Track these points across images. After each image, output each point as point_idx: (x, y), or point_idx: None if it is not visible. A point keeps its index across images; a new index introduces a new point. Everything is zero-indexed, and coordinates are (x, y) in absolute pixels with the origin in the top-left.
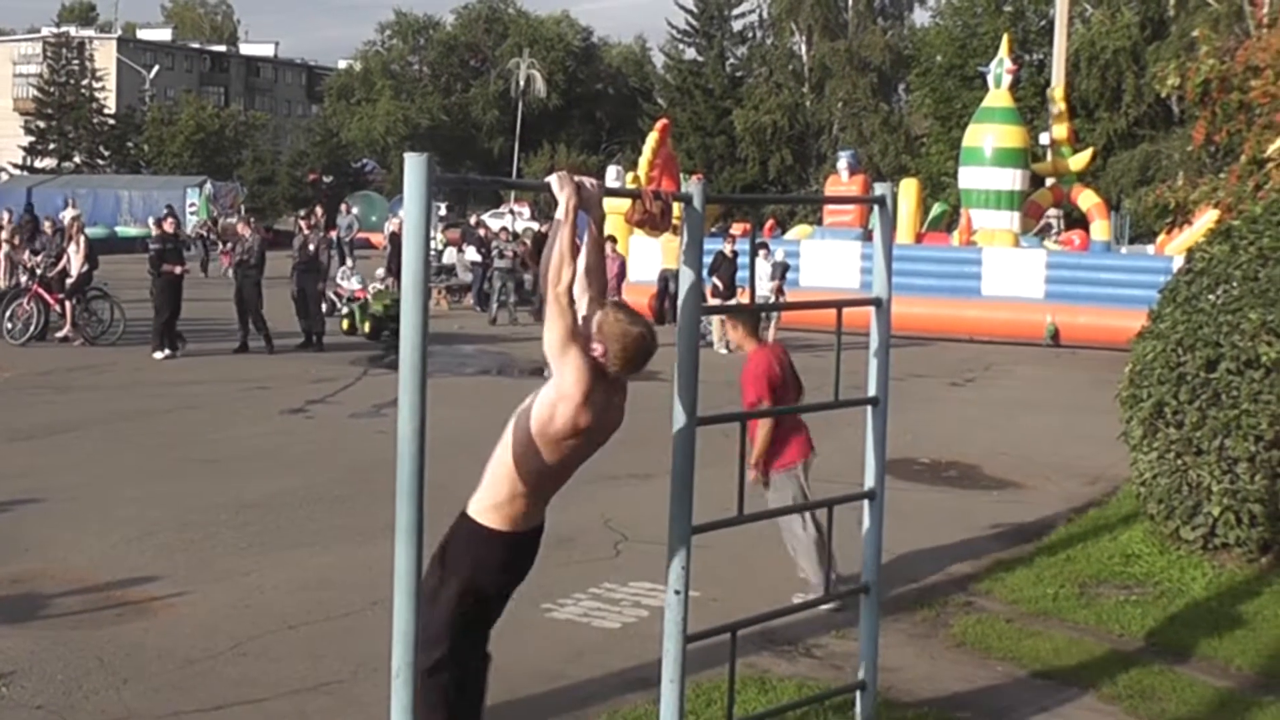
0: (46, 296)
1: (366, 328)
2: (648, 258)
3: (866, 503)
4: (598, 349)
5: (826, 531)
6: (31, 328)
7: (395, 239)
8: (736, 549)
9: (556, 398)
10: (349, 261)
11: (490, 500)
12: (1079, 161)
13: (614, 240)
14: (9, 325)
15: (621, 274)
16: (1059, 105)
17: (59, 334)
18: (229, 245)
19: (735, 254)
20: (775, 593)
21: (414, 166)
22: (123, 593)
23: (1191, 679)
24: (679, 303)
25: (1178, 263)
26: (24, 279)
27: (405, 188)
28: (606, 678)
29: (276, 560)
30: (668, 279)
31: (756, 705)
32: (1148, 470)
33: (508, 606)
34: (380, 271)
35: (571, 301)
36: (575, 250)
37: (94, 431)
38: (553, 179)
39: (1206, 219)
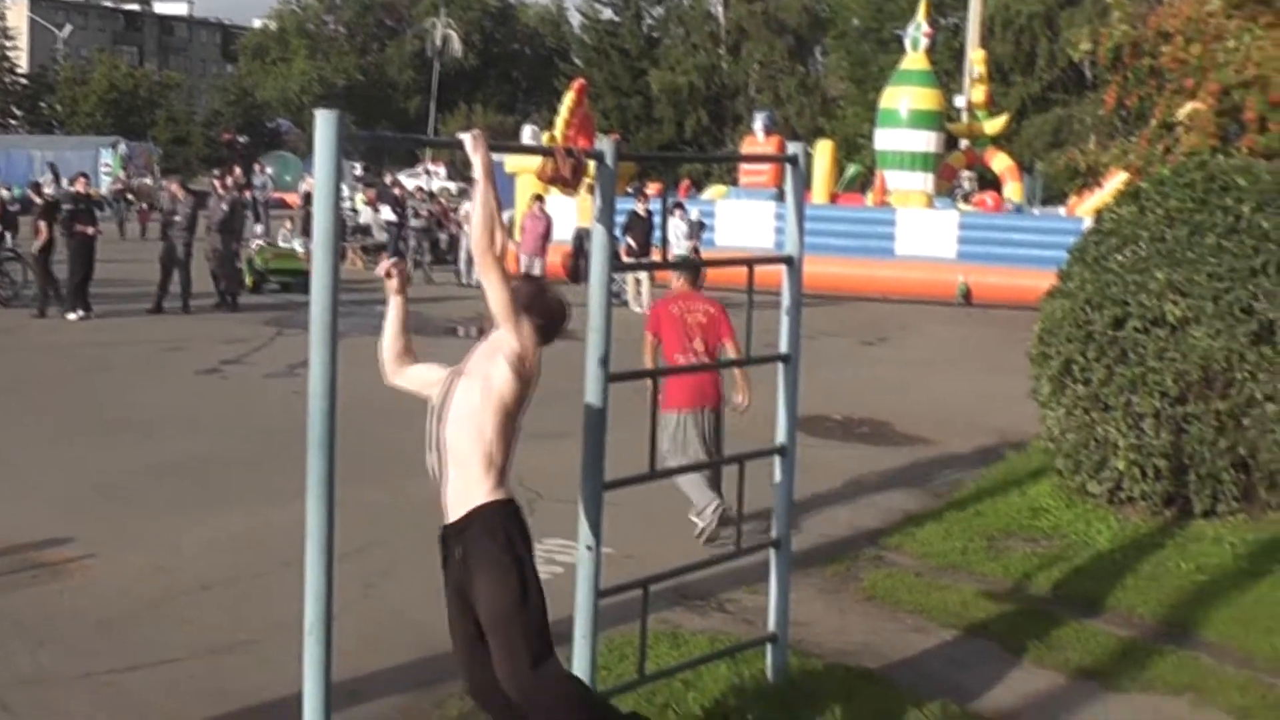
0: None
1: (250, 281)
2: (563, 217)
3: (778, 458)
4: (537, 319)
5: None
6: None
7: (309, 198)
8: (649, 507)
9: (521, 353)
10: (261, 223)
11: (496, 475)
12: (995, 125)
13: (541, 199)
14: None
15: (548, 233)
16: (979, 69)
17: None
18: (145, 205)
19: (650, 213)
20: (687, 549)
21: (325, 123)
22: (38, 555)
23: (1096, 629)
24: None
25: (1088, 224)
26: None
27: (316, 145)
28: None
29: (191, 521)
30: (582, 237)
31: (669, 659)
32: (1056, 426)
33: (424, 565)
34: (285, 229)
35: (505, 269)
36: (491, 216)
37: (6, 394)
38: (465, 137)
39: (1116, 181)
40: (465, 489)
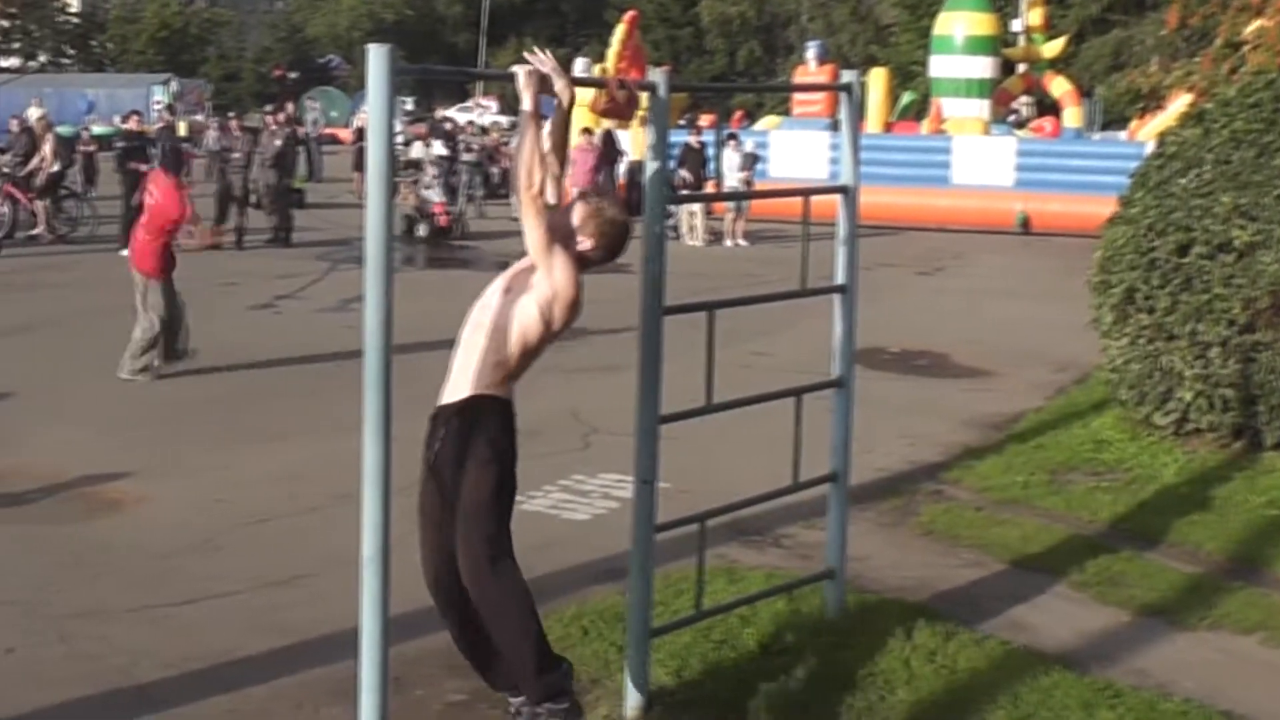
0: (19, 195)
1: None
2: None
3: (835, 391)
4: (586, 243)
5: None
6: (3, 228)
7: (362, 134)
8: (705, 441)
9: (551, 298)
10: (314, 160)
11: (498, 375)
12: (1052, 48)
13: (590, 131)
14: None
15: (598, 165)
16: None
17: (31, 232)
18: (190, 145)
19: (702, 145)
20: (744, 484)
21: (377, 58)
22: (94, 489)
23: (1161, 565)
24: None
25: (1149, 149)
26: None
27: (369, 80)
28: (576, 569)
29: (247, 455)
30: (635, 171)
31: (725, 595)
32: (1119, 357)
33: None
34: (426, 177)
35: (545, 203)
36: (543, 151)
37: (63, 329)
38: (518, 70)
39: (1179, 103)
40: (465, 376)
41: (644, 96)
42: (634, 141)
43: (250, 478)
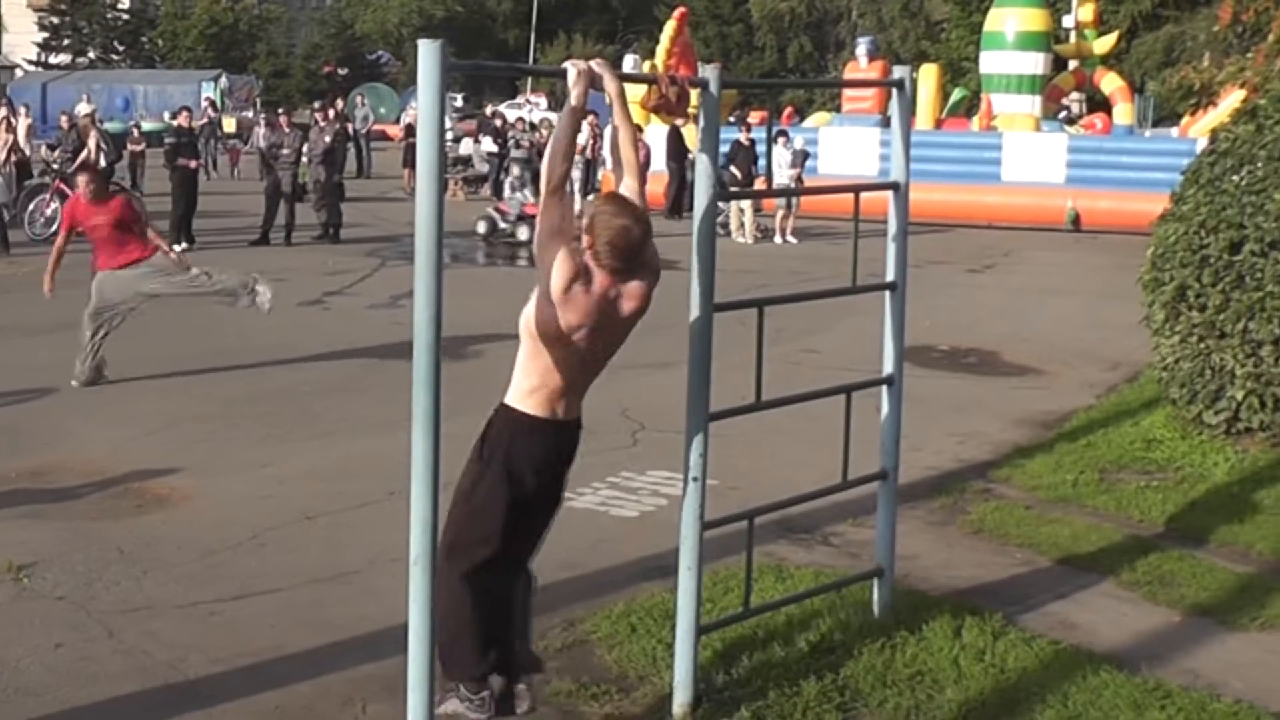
0: (69, 191)
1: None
2: (662, 146)
3: (885, 388)
4: (586, 242)
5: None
6: (55, 224)
7: (411, 130)
8: (754, 438)
9: (539, 296)
10: (364, 156)
11: (524, 386)
12: (1104, 44)
13: (640, 129)
14: (31, 221)
15: (647, 162)
16: None
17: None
18: (236, 142)
19: (752, 142)
20: (792, 482)
21: (428, 54)
22: (142, 484)
23: (1211, 564)
24: (695, 190)
25: (1201, 145)
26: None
27: (419, 76)
28: (624, 566)
29: (294, 451)
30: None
31: (774, 593)
32: (1170, 354)
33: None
34: (512, 178)
35: (561, 198)
36: (571, 147)
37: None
38: (570, 66)
39: (1232, 99)
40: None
41: (694, 94)
42: (685, 138)
43: (297, 474)
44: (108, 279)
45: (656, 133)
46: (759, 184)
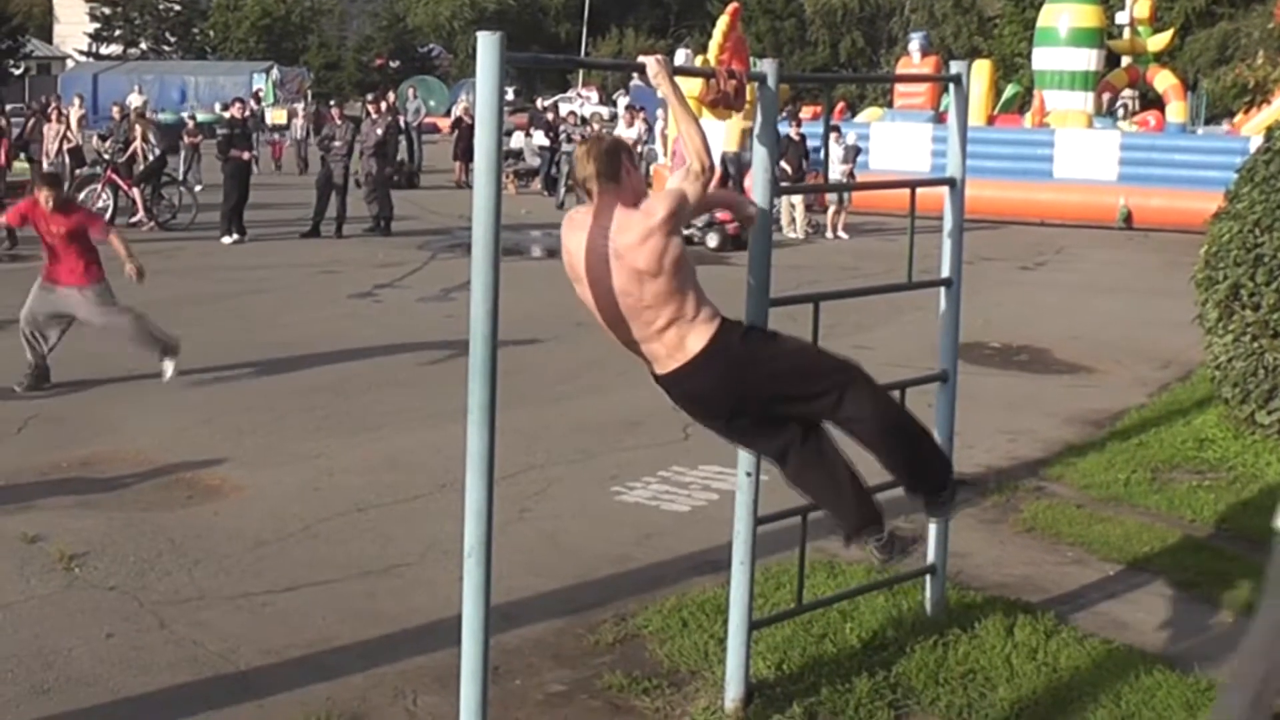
0: (120, 182)
1: None
2: (709, 141)
3: (939, 385)
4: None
5: None
6: (106, 214)
7: (460, 123)
8: None
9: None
10: (416, 149)
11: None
12: (1158, 41)
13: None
14: None
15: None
16: None
17: (131, 219)
18: (278, 136)
19: (802, 137)
20: None
21: (488, 46)
22: (193, 475)
23: (1263, 565)
24: (745, 184)
25: (1255, 143)
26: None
27: (479, 68)
28: (676, 560)
29: (345, 443)
30: (728, 162)
31: (825, 589)
32: (1223, 353)
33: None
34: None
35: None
36: (703, 132)
37: (163, 315)
38: (649, 60)
39: None
40: (683, 332)
41: (750, 87)
42: (729, 133)
43: (348, 466)
44: (73, 295)
45: (713, 128)
46: (810, 179)
